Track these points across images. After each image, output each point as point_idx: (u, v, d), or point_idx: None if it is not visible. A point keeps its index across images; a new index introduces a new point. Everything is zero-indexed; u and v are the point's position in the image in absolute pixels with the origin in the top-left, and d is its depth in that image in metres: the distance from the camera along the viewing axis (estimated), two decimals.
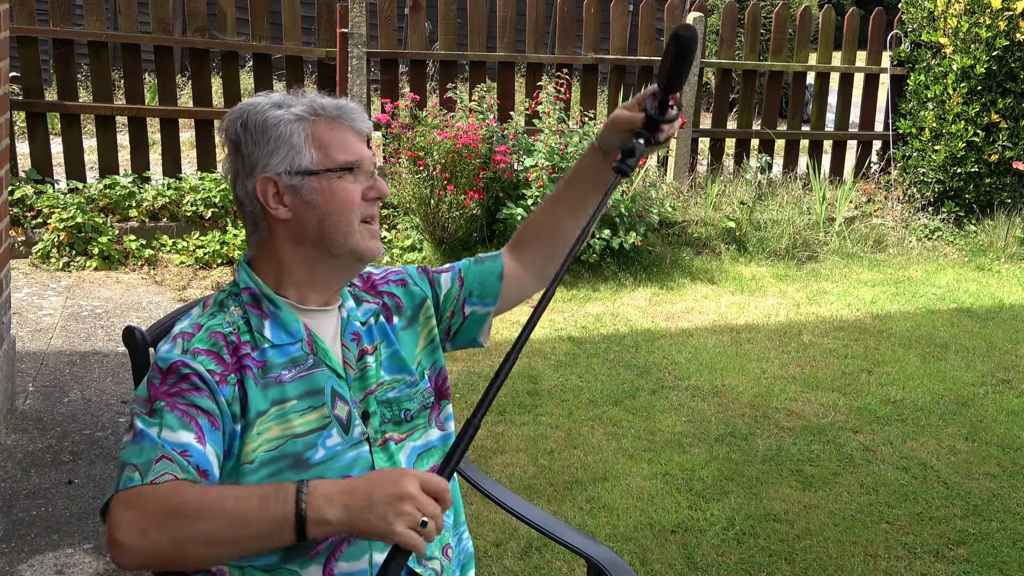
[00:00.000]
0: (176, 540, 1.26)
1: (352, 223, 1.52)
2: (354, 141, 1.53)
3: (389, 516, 1.23)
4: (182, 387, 1.41)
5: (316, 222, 1.51)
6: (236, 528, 1.27)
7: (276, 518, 1.26)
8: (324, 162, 1.50)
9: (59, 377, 4.01)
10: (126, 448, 1.37)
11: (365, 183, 1.53)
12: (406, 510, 1.23)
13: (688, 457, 3.60)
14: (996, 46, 6.58)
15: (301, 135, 1.50)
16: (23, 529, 2.94)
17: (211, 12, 6.80)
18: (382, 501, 1.24)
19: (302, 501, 1.25)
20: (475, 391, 4.05)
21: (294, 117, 1.51)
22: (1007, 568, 2.99)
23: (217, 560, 1.34)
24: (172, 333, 1.50)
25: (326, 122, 1.52)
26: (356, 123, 1.54)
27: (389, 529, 1.23)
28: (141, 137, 6.12)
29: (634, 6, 8.03)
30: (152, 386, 1.42)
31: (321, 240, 1.52)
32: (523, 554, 2.91)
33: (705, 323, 5.09)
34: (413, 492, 1.24)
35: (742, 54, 7.49)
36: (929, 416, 4.05)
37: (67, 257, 5.39)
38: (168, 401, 1.40)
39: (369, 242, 1.54)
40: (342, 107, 1.54)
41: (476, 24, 6.54)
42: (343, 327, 1.59)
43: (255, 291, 1.54)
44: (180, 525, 1.26)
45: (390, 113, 5.79)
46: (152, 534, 1.26)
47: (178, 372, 1.42)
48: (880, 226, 6.84)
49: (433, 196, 5.49)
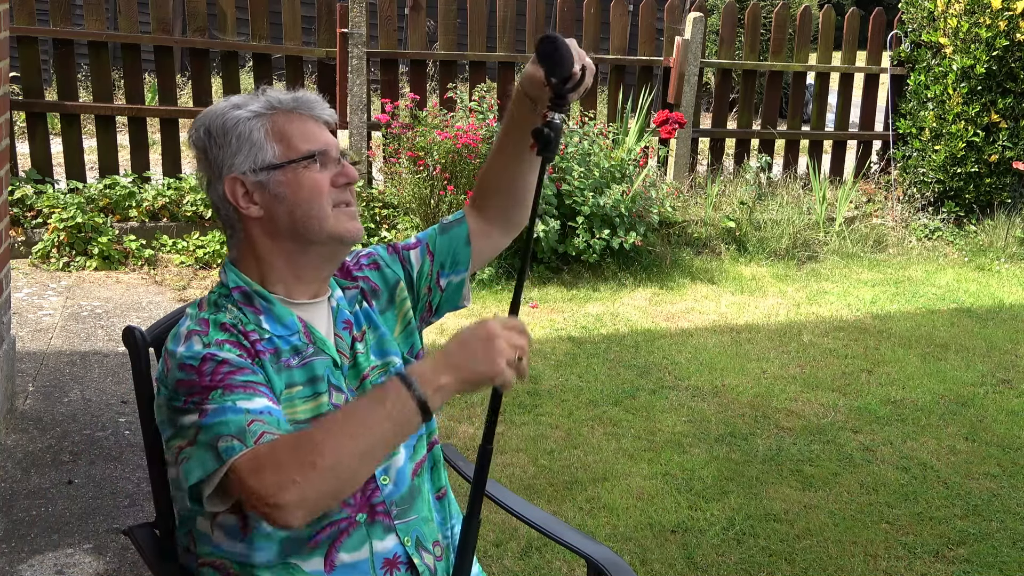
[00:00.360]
0: (326, 474, 1.26)
1: (324, 209, 1.52)
2: (315, 130, 1.54)
3: (492, 355, 1.31)
4: (225, 370, 1.41)
5: (287, 214, 1.52)
6: (369, 436, 1.29)
7: (401, 413, 1.29)
8: (287, 154, 1.51)
9: (59, 377, 4.01)
10: (205, 431, 1.35)
11: (332, 170, 1.54)
12: (502, 347, 1.31)
13: (688, 457, 3.60)
14: (996, 46, 6.58)
15: (261, 131, 1.52)
16: (23, 529, 2.94)
17: (211, 12, 6.80)
18: (480, 348, 1.31)
19: (415, 391, 1.29)
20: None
21: (252, 115, 1.52)
22: (1007, 568, 2.99)
23: (370, 470, 1.36)
24: (180, 334, 1.48)
25: (284, 115, 1.53)
26: (315, 111, 1.55)
27: (496, 369, 1.31)
28: (141, 137, 6.12)
29: (634, 6, 8.02)
30: (194, 382, 1.40)
31: (296, 231, 1.53)
32: (523, 554, 2.91)
33: (705, 323, 5.09)
34: (499, 331, 1.33)
35: (742, 54, 7.49)
36: (929, 416, 4.05)
37: (67, 257, 5.39)
38: (222, 385, 1.39)
39: (348, 223, 1.54)
40: (299, 98, 1.55)
41: (476, 24, 6.54)
42: (334, 316, 1.60)
43: (245, 289, 1.55)
44: (321, 460, 1.26)
45: (390, 113, 5.79)
46: (302, 481, 1.25)
47: (214, 360, 1.42)
48: (880, 226, 6.84)
49: (433, 196, 5.49)
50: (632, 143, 6.22)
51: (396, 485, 1.57)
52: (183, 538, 1.57)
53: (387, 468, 1.57)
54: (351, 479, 1.30)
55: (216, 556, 1.50)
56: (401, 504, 1.57)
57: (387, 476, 1.56)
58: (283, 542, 1.47)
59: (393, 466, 1.58)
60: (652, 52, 6.96)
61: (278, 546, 1.46)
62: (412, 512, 1.59)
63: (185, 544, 1.57)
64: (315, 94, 1.59)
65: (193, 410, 1.38)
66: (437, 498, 1.69)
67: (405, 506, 1.58)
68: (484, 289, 5.34)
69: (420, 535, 1.59)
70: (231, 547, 1.48)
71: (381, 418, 1.29)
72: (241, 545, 1.47)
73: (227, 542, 1.48)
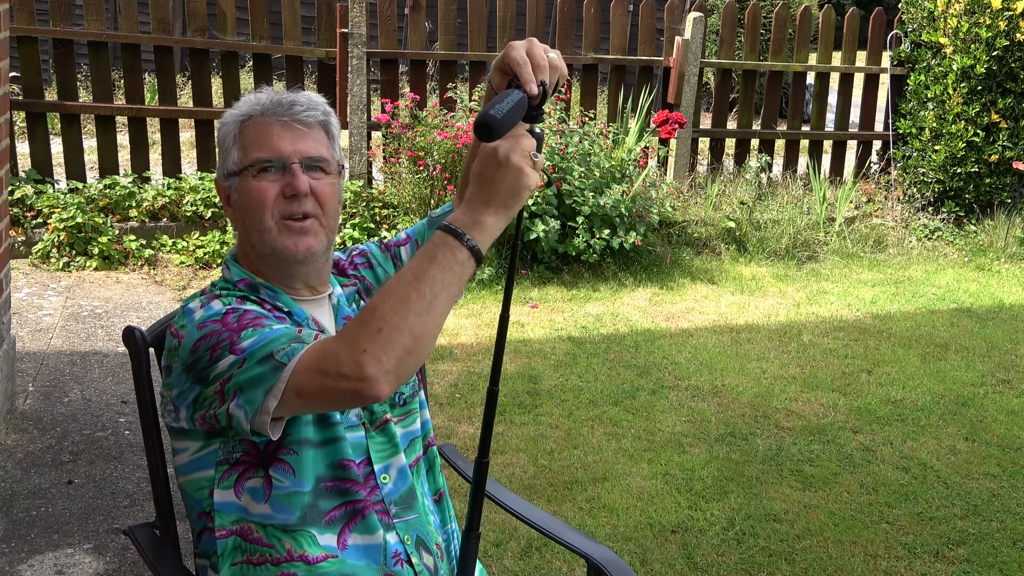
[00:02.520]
0: (394, 335, 1.22)
1: (264, 222, 1.49)
2: (277, 137, 1.50)
3: (513, 173, 1.26)
4: (251, 316, 1.41)
5: (242, 222, 1.53)
6: (427, 290, 1.24)
7: (454, 260, 1.25)
8: (242, 161, 1.51)
9: (59, 377, 4.01)
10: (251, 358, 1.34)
11: (285, 180, 1.49)
12: (517, 160, 1.26)
13: (688, 457, 3.60)
14: (996, 46, 6.58)
15: (232, 136, 1.52)
16: (23, 529, 2.94)
17: (211, 12, 6.80)
18: (499, 173, 1.26)
19: (461, 237, 1.25)
20: (475, 391, 4.05)
21: (233, 118, 1.53)
22: (1007, 568, 2.99)
23: (439, 322, 1.29)
24: (192, 308, 1.48)
25: (255, 120, 1.51)
26: (292, 115, 1.51)
27: (522, 180, 1.26)
28: (141, 137, 6.12)
29: (634, 6, 8.02)
30: (219, 332, 1.39)
31: (249, 240, 1.53)
32: (523, 554, 2.91)
33: (705, 323, 5.09)
34: (507, 148, 1.26)
35: (742, 54, 7.49)
36: (929, 416, 4.05)
37: (67, 257, 5.39)
38: (252, 324, 1.39)
39: (284, 240, 1.50)
40: (279, 101, 1.52)
41: (476, 24, 6.54)
42: (335, 313, 1.61)
43: (250, 281, 1.56)
44: (385, 323, 1.23)
45: (390, 113, 5.79)
46: (373, 349, 1.22)
47: (236, 312, 1.42)
48: (880, 226, 6.84)
49: (433, 196, 5.49)
50: (632, 143, 6.22)
51: (396, 484, 1.57)
52: (196, 521, 1.55)
53: (387, 467, 1.57)
54: (423, 334, 1.25)
55: (240, 521, 1.50)
56: (401, 503, 1.57)
57: (387, 475, 1.57)
58: (304, 508, 1.48)
59: (394, 465, 1.58)
60: (652, 52, 6.96)
61: (300, 512, 1.48)
62: (412, 511, 1.59)
63: (200, 527, 1.55)
64: (308, 95, 1.55)
65: (225, 354, 1.37)
66: (435, 500, 1.69)
67: (405, 505, 1.58)
68: (484, 289, 5.34)
69: (421, 534, 1.59)
70: (255, 509, 1.49)
71: (436, 271, 1.25)
72: (264, 506, 1.48)
73: (252, 504, 1.49)
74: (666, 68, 6.96)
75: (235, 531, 1.51)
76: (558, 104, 6.00)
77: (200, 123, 6.21)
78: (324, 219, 1.53)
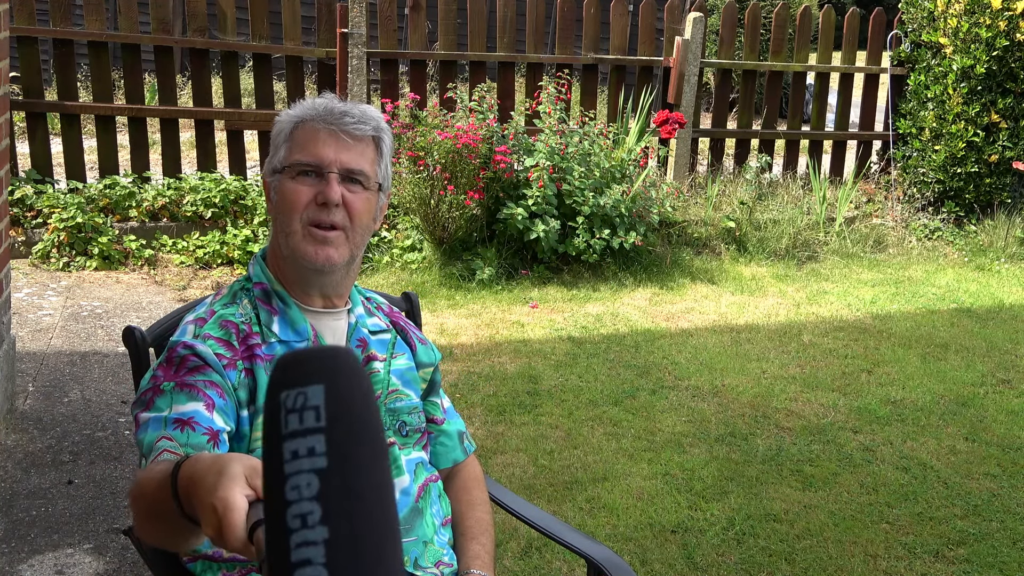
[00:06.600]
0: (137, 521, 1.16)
1: (292, 224, 1.51)
2: (322, 144, 1.50)
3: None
4: (187, 366, 1.45)
5: (275, 221, 1.55)
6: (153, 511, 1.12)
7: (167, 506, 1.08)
8: (285, 160, 1.53)
9: (59, 377, 4.01)
10: (139, 436, 1.41)
11: (319, 186, 1.50)
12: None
13: (688, 457, 3.59)
14: (996, 46, 6.58)
15: (284, 135, 1.54)
16: (23, 529, 2.94)
17: (211, 12, 6.80)
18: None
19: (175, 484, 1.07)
20: (475, 391, 4.05)
21: (289, 119, 1.55)
22: (1007, 568, 2.99)
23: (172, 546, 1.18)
24: (186, 320, 1.55)
25: (307, 123, 1.53)
26: (340, 125, 1.51)
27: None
28: (141, 137, 6.12)
29: (634, 6, 8.03)
30: (157, 373, 1.47)
31: (277, 239, 1.56)
32: (523, 554, 2.91)
33: (705, 323, 5.09)
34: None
35: (742, 54, 7.49)
36: (929, 416, 4.05)
37: (67, 257, 5.39)
38: (176, 380, 1.43)
39: (307, 246, 1.50)
40: (331, 109, 1.53)
41: (476, 24, 6.54)
42: (350, 331, 1.60)
43: (266, 287, 1.57)
44: (134, 506, 1.17)
45: (390, 113, 5.78)
46: (136, 526, 1.17)
47: (180, 355, 1.46)
48: (880, 226, 6.84)
49: (433, 196, 5.49)
50: (632, 143, 6.22)
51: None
52: None
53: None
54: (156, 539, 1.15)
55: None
56: (401, 524, 1.57)
57: None
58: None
59: (397, 486, 1.58)
60: (652, 52, 6.96)
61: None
62: (412, 533, 1.58)
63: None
64: (363, 108, 1.55)
65: (144, 399, 1.44)
66: (443, 524, 1.69)
67: (406, 527, 1.57)
68: (484, 289, 5.34)
69: (417, 556, 1.58)
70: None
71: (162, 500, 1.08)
72: None
73: None
74: (666, 68, 6.96)
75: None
76: (558, 104, 6.00)
77: (200, 123, 6.21)
78: (351, 233, 1.53)
